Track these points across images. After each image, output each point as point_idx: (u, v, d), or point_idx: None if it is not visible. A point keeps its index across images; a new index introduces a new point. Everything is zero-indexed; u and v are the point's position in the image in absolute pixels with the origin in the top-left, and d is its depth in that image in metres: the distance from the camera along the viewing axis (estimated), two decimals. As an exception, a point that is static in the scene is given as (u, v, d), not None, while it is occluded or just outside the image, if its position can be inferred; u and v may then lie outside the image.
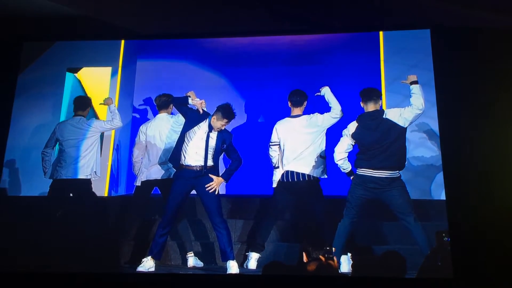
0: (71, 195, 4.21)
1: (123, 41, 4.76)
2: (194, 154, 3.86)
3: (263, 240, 4.00)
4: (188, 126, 3.91)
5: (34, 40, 4.75)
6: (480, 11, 4.25)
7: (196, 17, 4.61)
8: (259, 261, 3.94)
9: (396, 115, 3.80)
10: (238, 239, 4.15)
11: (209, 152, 3.86)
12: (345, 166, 3.90)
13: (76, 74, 4.64)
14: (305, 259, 3.51)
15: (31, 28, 4.66)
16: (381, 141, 3.78)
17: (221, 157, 4.05)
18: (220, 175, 3.92)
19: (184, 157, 3.87)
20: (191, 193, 3.95)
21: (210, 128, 3.89)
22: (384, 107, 4.13)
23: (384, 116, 3.82)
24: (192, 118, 3.92)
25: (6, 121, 4.48)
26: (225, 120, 3.86)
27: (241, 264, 3.92)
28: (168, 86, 4.52)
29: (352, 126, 3.88)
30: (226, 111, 3.85)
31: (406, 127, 3.81)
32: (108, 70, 4.64)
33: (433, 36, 4.34)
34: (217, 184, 3.86)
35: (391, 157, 3.76)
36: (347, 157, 3.92)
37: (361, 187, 3.80)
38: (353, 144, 3.89)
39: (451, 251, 3.65)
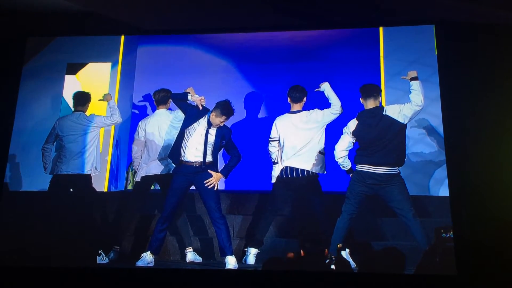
0: (71, 190, 4.22)
1: (123, 37, 4.74)
2: (194, 150, 3.88)
3: (261, 236, 4.01)
4: (188, 122, 3.92)
5: (37, 35, 4.74)
6: (485, 7, 4.23)
7: (197, 12, 4.61)
8: (257, 257, 3.95)
9: (396, 111, 3.80)
10: (237, 234, 4.17)
11: (208, 148, 3.88)
12: (346, 163, 3.90)
13: (75, 76, 4.63)
14: (302, 254, 3.55)
15: (36, 23, 4.67)
16: (381, 138, 3.78)
17: (220, 152, 4.07)
18: (219, 171, 3.93)
19: (184, 153, 3.89)
20: (191, 188, 3.96)
21: (209, 124, 3.90)
22: (383, 103, 4.12)
23: (384, 113, 3.82)
24: (192, 115, 3.93)
25: (11, 116, 4.49)
26: (224, 117, 3.87)
27: (239, 260, 3.92)
28: (167, 78, 4.55)
29: (352, 124, 3.88)
30: (225, 108, 3.86)
31: (406, 124, 3.81)
32: (108, 65, 4.63)
33: (438, 32, 4.31)
34: (216, 180, 3.88)
35: (391, 153, 3.77)
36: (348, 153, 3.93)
37: (360, 183, 3.80)
38: (354, 141, 3.89)
39: (455, 248, 3.65)
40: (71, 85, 4.58)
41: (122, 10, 4.65)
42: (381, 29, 4.52)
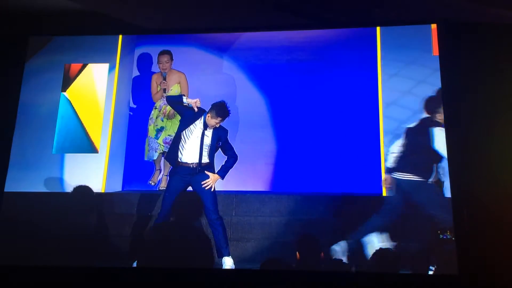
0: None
1: (120, 36, 4.72)
2: (191, 152, 3.93)
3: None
4: (184, 124, 3.96)
5: (38, 34, 4.73)
6: (487, 6, 4.21)
7: (195, 12, 4.61)
8: (255, 258, 3.94)
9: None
10: (232, 236, 4.15)
11: (204, 149, 3.91)
12: None
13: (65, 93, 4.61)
14: (298, 257, 3.58)
15: (36, 22, 4.69)
16: None
17: (217, 154, 4.07)
18: (216, 172, 3.95)
19: (181, 154, 3.93)
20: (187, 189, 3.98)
21: (205, 126, 3.92)
22: (380, 104, 4.12)
23: None
24: (188, 117, 3.97)
25: (12, 116, 4.48)
26: (219, 118, 3.90)
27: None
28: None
29: None
30: (220, 109, 3.89)
31: None
32: (105, 66, 4.62)
33: (439, 31, 4.27)
34: (213, 181, 3.91)
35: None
36: None
37: None
38: None
39: (456, 248, 3.67)
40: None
41: (120, 9, 4.64)
42: (378, 28, 4.48)
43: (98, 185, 4.30)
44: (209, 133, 3.95)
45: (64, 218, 4.12)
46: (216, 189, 3.98)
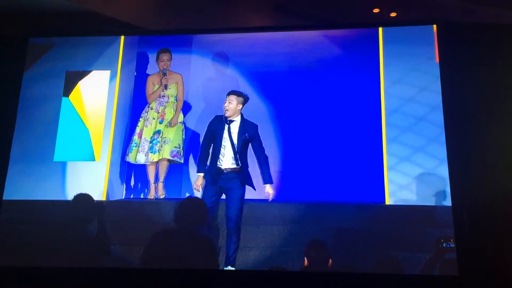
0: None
1: (122, 40, 4.67)
2: (224, 157, 3.93)
3: None
4: (215, 137, 3.98)
5: (38, 36, 4.70)
6: (491, 7, 4.21)
7: (196, 12, 4.59)
8: (259, 264, 3.95)
9: None
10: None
11: (233, 150, 3.92)
12: None
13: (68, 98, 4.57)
14: (306, 263, 3.58)
15: (36, 24, 4.70)
16: None
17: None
18: (263, 182, 4.01)
19: (216, 160, 3.95)
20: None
21: (229, 121, 3.94)
22: (382, 110, 4.11)
23: None
24: (216, 133, 3.97)
25: (12, 122, 4.45)
26: (227, 96, 3.96)
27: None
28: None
29: None
30: (236, 90, 3.99)
31: None
32: (107, 73, 4.58)
33: (439, 32, 4.26)
34: (272, 194, 3.98)
35: None
36: None
37: None
38: None
39: (456, 250, 3.69)
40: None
41: (122, 10, 4.62)
42: (380, 29, 4.44)
43: (99, 192, 4.28)
44: (234, 129, 3.94)
45: (65, 226, 4.08)
46: (218, 198, 3.98)
